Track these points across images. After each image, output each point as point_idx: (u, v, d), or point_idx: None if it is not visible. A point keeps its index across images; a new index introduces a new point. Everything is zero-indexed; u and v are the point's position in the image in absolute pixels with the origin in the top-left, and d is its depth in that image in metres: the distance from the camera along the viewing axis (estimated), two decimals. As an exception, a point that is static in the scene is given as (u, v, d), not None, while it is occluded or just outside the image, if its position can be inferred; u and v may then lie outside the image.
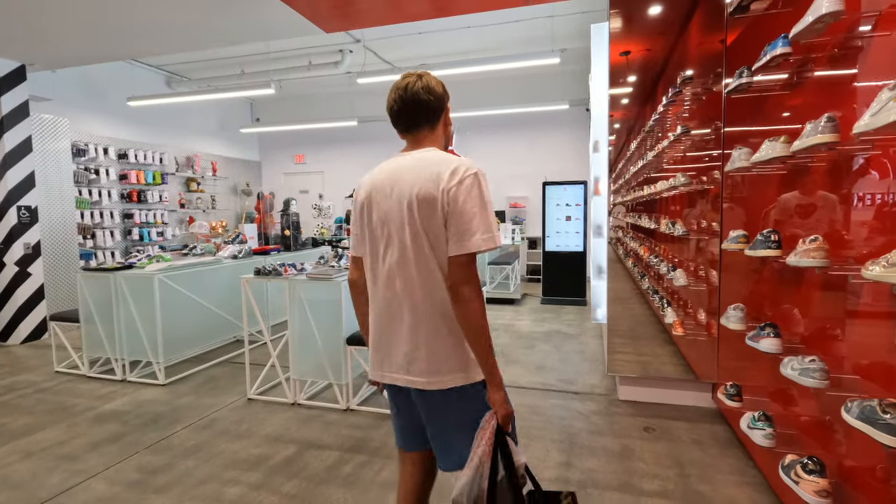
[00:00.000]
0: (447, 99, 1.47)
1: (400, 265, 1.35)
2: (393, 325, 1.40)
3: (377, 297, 1.43)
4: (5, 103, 5.15)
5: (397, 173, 1.38)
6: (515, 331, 5.44)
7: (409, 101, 1.40)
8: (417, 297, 1.35)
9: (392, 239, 1.37)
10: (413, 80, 1.41)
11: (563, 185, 6.88)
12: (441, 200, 1.29)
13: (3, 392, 3.80)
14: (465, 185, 1.28)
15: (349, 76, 8.35)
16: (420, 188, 1.31)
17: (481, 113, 8.28)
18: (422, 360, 1.35)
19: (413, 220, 1.32)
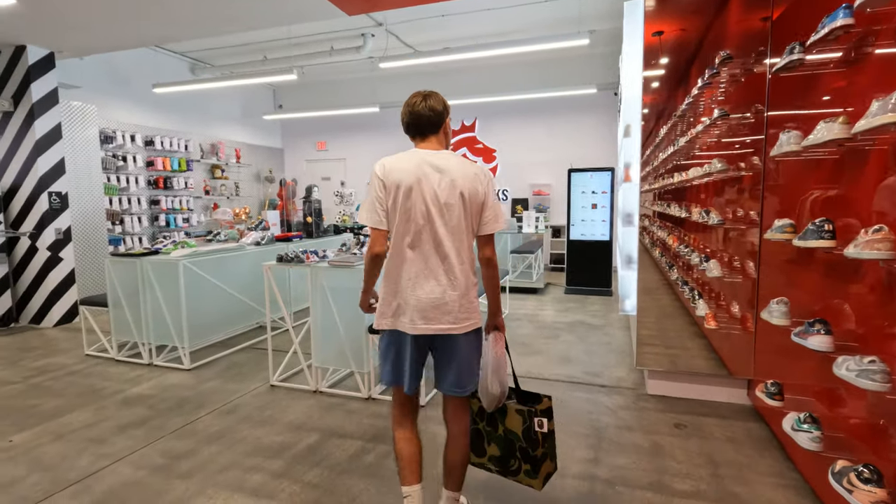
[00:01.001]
0: (447, 114, 1.90)
1: (449, 239, 1.76)
2: (430, 285, 1.76)
3: (415, 263, 1.77)
4: (35, 90, 5.23)
5: (444, 167, 1.78)
6: (539, 321, 5.34)
7: (416, 116, 1.85)
8: (457, 262, 1.77)
9: (443, 217, 1.75)
10: (419, 100, 1.86)
11: (590, 171, 6.69)
12: (480, 194, 1.79)
13: (36, 374, 3.90)
14: (491, 185, 1.85)
15: (371, 61, 8.25)
16: (469, 183, 1.77)
17: (504, 98, 8.10)
18: (457, 310, 1.77)
19: (463, 205, 1.76)
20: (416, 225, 1.75)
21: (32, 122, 5.22)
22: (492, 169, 9.16)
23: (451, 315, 1.76)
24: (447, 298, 1.75)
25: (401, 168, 1.78)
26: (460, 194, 1.75)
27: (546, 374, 3.74)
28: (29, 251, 5.42)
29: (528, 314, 5.65)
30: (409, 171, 1.77)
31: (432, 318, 1.75)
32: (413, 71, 9.16)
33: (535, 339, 4.67)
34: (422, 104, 1.83)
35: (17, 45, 5.17)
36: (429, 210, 1.74)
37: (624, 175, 3.64)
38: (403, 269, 1.78)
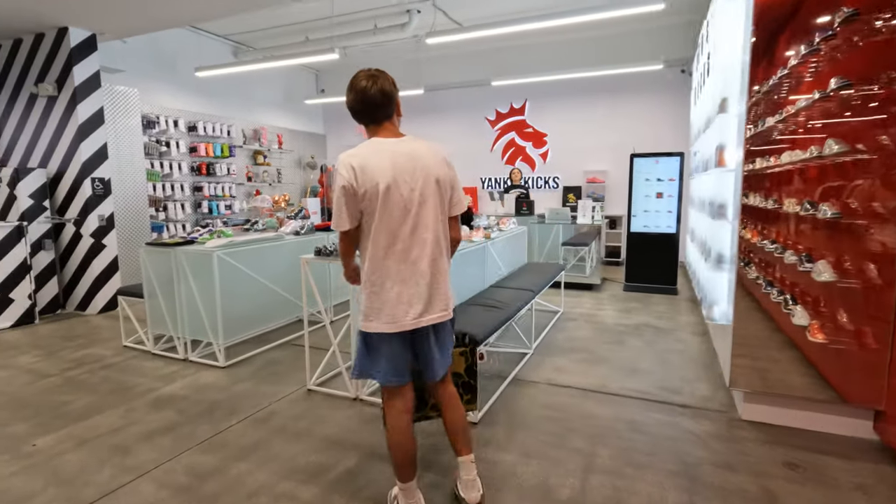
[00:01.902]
0: (397, 93, 1.90)
1: (432, 228, 1.77)
2: (422, 279, 1.77)
3: (405, 261, 1.76)
4: (77, 74, 5.12)
5: (414, 155, 1.77)
6: (598, 322, 4.83)
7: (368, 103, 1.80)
8: (439, 250, 1.81)
9: (424, 207, 1.76)
10: (368, 83, 1.78)
11: (655, 157, 6.04)
12: (450, 176, 1.84)
13: (74, 366, 3.77)
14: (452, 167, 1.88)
15: (416, 41, 7.83)
16: (441, 168, 1.81)
17: (557, 77, 7.49)
18: (444, 297, 1.84)
19: (439, 191, 1.79)
20: (400, 221, 1.73)
21: (75, 106, 5.12)
22: (542, 155, 8.60)
23: (443, 301, 1.83)
24: (439, 287, 1.81)
25: (374, 165, 1.71)
26: (436, 181, 1.77)
27: (613, 388, 3.27)
28: (74, 238, 5.38)
29: (586, 314, 5.15)
30: (384, 168, 1.71)
31: (428, 309, 1.79)
32: (459, 51, 8.67)
33: (597, 344, 4.18)
34: (372, 88, 1.76)
35: (60, 27, 5.06)
36: (410, 204, 1.73)
37: (717, 159, 3.06)
38: (388, 271, 1.76)
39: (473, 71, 8.63)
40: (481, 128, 8.94)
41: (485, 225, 4.65)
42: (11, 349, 4.22)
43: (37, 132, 5.41)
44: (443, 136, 9.20)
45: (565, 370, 3.60)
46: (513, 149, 8.78)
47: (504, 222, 4.84)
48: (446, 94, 8.95)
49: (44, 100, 5.29)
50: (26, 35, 5.26)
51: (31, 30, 5.12)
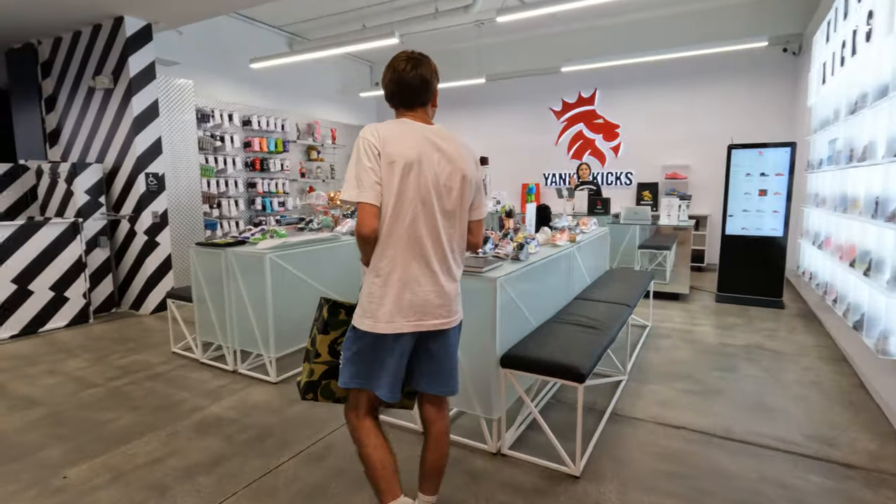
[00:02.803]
0: (437, 84, 1.72)
1: (447, 225, 1.64)
2: (424, 277, 1.61)
3: (408, 253, 1.58)
4: (133, 65, 4.92)
5: (443, 146, 1.62)
6: (697, 341, 4.13)
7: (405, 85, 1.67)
8: (453, 251, 1.68)
9: (441, 202, 1.61)
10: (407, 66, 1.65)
11: (759, 148, 5.21)
12: (476, 177, 1.71)
13: (120, 375, 3.51)
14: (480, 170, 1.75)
15: (477, 26, 7.29)
16: (469, 165, 1.67)
17: (632, 61, 6.71)
18: (451, 303, 1.68)
19: (462, 189, 1.65)
20: (413, 209, 1.57)
21: (130, 98, 4.93)
22: (613, 148, 7.84)
23: (446, 308, 1.66)
24: (443, 290, 1.64)
25: (400, 140, 1.57)
26: (462, 177, 1.64)
27: (742, 433, 2.60)
28: (128, 235, 5.22)
29: (679, 330, 4.44)
30: (410, 146, 1.57)
31: (427, 312, 1.62)
32: (523, 37, 8.05)
33: (703, 369, 3.50)
34: (412, 72, 1.65)
35: (116, 17, 4.88)
36: (428, 193, 1.58)
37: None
38: (395, 261, 1.59)
39: (538, 58, 7.99)
40: (545, 119, 8.28)
41: (563, 226, 4.05)
42: (63, 351, 4.03)
43: (94, 126, 5.29)
44: (504, 128, 8.62)
45: (672, 404, 2.97)
46: (580, 142, 8.07)
47: (585, 223, 4.22)
48: (508, 84, 8.35)
49: (101, 93, 5.15)
50: (84, 27, 5.14)
51: (89, 21, 4.98)
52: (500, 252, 2.78)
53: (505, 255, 2.77)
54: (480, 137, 8.81)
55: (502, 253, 2.77)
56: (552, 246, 3.31)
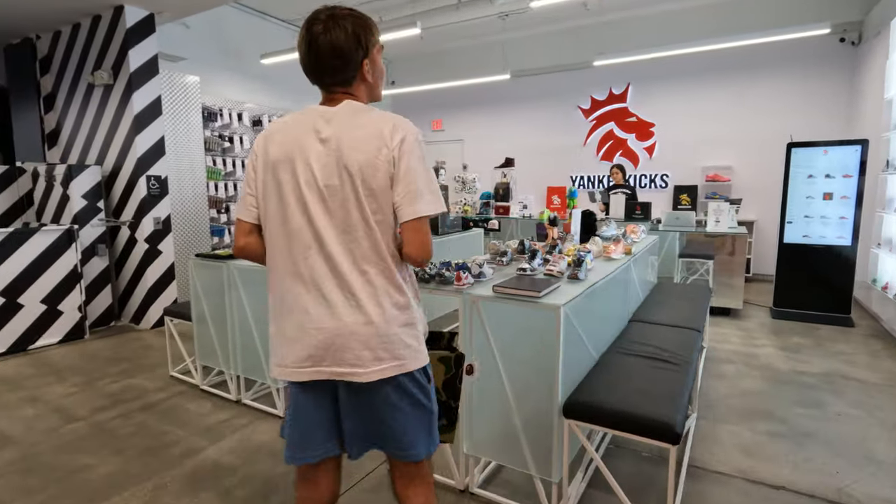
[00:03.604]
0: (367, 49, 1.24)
1: (339, 238, 1.18)
2: (316, 308, 1.19)
3: (297, 278, 1.20)
4: (133, 58, 4.54)
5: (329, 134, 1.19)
6: (765, 367, 3.59)
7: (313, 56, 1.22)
8: (354, 272, 1.18)
9: (327, 207, 1.18)
10: (319, 26, 1.18)
11: (824, 146, 4.65)
12: (382, 163, 1.16)
13: (109, 405, 3.08)
14: (409, 146, 1.18)
15: (502, 19, 6.83)
16: (361, 153, 1.16)
17: (669, 53, 6.17)
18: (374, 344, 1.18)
19: (353, 186, 1.16)
20: (296, 221, 1.19)
21: (130, 95, 4.55)
22: (647, 148, 7.29)
23: (352, 352, 1.17)
24: (346, 326, 1.17)
25: (281, 136, 1.22)
26: (345, 170, 1.16)
27: (862, 497, 2.08)
28: (129, 242, 4.83)
29: (740, 352, 3.90)
30: (288, 142, 1.21)
31: (331, 357, 1.18)
32: (549, 30, 7.57)
33: (783, 404, 2.97)
34: (322, 37, 1.17)
35: (116, 7, 4.50)
36: (304, 199, 1.18)
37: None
38: (280, 287, 1.23)
39: (566, 52, 7.50)
40: (573, 118, 7.77)
41: (613, 235, 3.55)
42: (51, 374, 3.63)
43: (94, 126, 4.92)
44: (529, 128, 8.13)
45: (759, 452, 2.45)
46: (611, 142, 7.55)
47: (634, 231, 3.72)
48: (533, 81, 7.86)
49: (100, 90, 4.77)
50: (83, 18, 4.77)
51: (88, 11, 4.61)
52: (552, 269, 2.29)
53: (559, 272, 2.29)
54: (504, 137, 8.33)
55: (555, 270, 2.29)
56: (606, 259, 2.81)
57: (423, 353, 1.26)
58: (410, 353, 1.23)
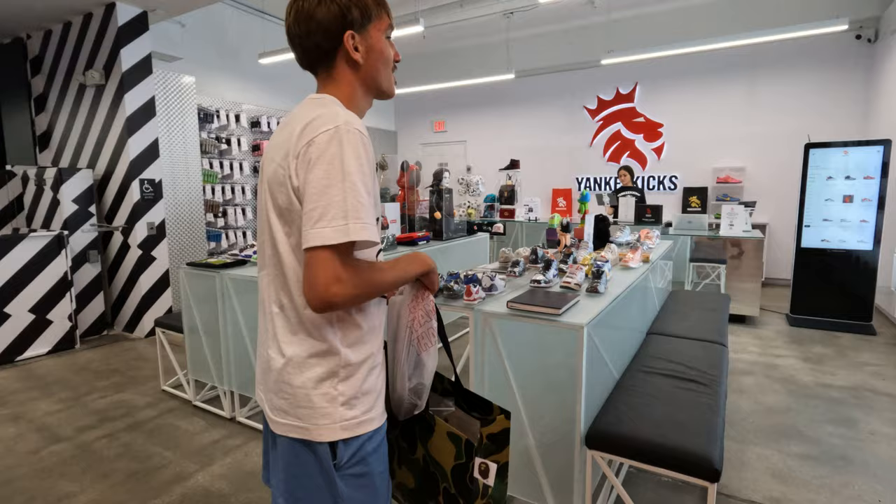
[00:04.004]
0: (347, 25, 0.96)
1: (273, 261, 0.96)
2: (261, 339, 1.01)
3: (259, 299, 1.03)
4: (125, 57, 4.37)
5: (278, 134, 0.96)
6: (788, 379, 3.40)
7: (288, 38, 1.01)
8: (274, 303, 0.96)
9: (269, 226, 0.96)
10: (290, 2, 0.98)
11: (844, 147, 4.47)
12: (287, 173, 0.89)
13: (95, 423, 2.91)
14: (323, 151, 0.85)
15: (506, 17, 6.66)
16: (278, 158, 0.91)
17: (679, 52, 5.99)
18: (274, 388, 0.94)
19: (272, 203, 0.93)
20: (259, 240, 1.02)
21: (122, 95, 4.38)
22: (655, 149, 7.11)
23: (267, 394, 0.97)
24: (265, 359, 0.98)
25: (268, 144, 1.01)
26: (265, 184, 0.95)
27: (912, 532, 1.90)
28: (122, 248, 4.66)
29: (760, 363, 3.72)
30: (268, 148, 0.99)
31: (260, 382, 1.01)
32: (554, 29, 7.39)
33: (811, 423, 2.79)
34: (288, 20, 0.98)
35: (108, 3, 4.33)
36: (260, 214, 1.00)
37: None
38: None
39: (572, 51, 7.32)
40: (579, 119, 7.60)
41: (628, 241, 3.37)
42: (37, 388, 3.46)
43: (86, 127, 4.75)
44: (533, 128, 7.95)
45: (792, 478, 2.27)
46: (618, 143, 7.37)
47: (649, 236, 3.54)
48: (538, 80, 7.69)
49: (92, 90, 4.61)
50: (75, 16, 4.61)
51: (80, 9, 4.45)
52: (569, 282, 2.11)
53: (576, 285, 2.11)
54: (508, 139, 8.15)
55: (573, 283, 2.11)
56: (623, 268, 2.63)
57: (342, 422, 0.90)
58: (317, 418, 0.89)
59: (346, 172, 0.83)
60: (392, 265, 0.97)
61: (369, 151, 0.89)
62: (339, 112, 0.88)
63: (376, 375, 0.97)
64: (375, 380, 0.97)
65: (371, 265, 0.90)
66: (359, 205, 0.84)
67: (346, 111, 0.91)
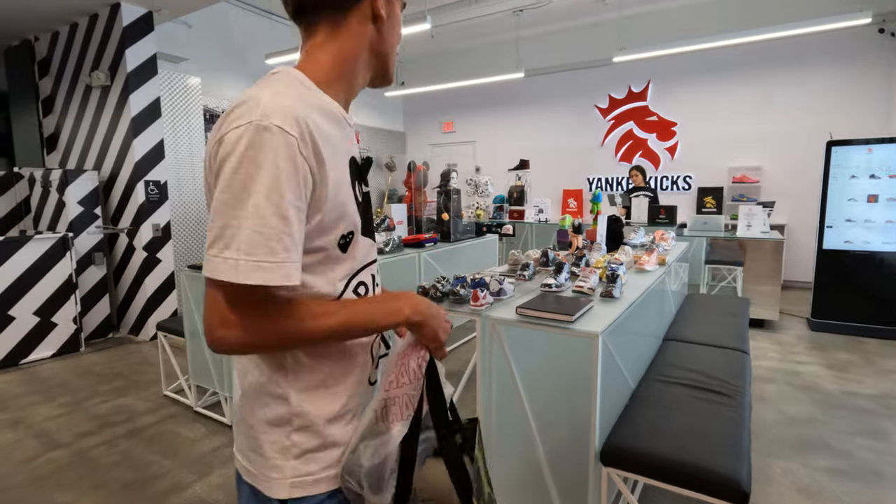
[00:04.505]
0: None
1: None
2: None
3: None
4: (130, 58, 4.34)
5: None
6: (812, 387, 3.25)
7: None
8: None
9: None
10: None
11: (868, 144, 4.30)
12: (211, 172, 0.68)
13: (95, 429, 2.85)
14: (232, 147, 0.64)
15: (516, 15, 6.55)
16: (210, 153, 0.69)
17: (693, 48, 5.83)
18: (237, 430, 0.81)
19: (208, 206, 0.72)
20: None
21: (127, 96, 4.34)
22: (669, 149, 6.95)
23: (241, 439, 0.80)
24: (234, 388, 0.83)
25: None
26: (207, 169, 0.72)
27: (955, 557, 1.75)
28: (127, 251, 4.62)
29: (781, 370, 3.56)
30: None
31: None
32: (563, 27, 7.27)
33: (840, 435, 2.63)
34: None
35: (112, 4, 4.30)
36: None
37: None
38: None
39: (582, 50, 7.19)
40: (590, 118, 7.45)
41: (643, 243, 3.25)
42: (40, 391, 3.42)
43: (92, 129, 4.73)
44: (544, 128, 7.83)
45: (821, 495, 2.13)
46: (630, 142, 7.21)
47: (664, 238, 3.40)
48: (548, 79, 7.56)
49: (98, 91, 4.58)
50: (80, 17, 4.59)
51: (85, 10, 4.42)
52: (582, 286, 2.00)
53: (590, 289, 2.00)
54: (518, 139, 8.03)
55: (586, 287, 2.00)
56: (638, 272, 2.51)
57: (294, 479, 0.74)
58: (267, 469, 0.74)
59: (249, 189, 0.62)
60: (348, 307, 0.72)
61: (296, 156, 0.64)
62: (261, 99, 0.65)
63: (343, 425, 0.77)
64: (343, 430, 0.77)
65: (294, 307, 0.67)
66: (257, 237, 0.62)
67: (281, 96, 0.67)
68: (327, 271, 0.74)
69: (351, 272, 0.78)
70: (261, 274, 0.62)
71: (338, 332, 0.71)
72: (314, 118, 0.69)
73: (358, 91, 0.86)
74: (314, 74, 0.76)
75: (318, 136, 0.68)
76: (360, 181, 0.82)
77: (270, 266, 0.63)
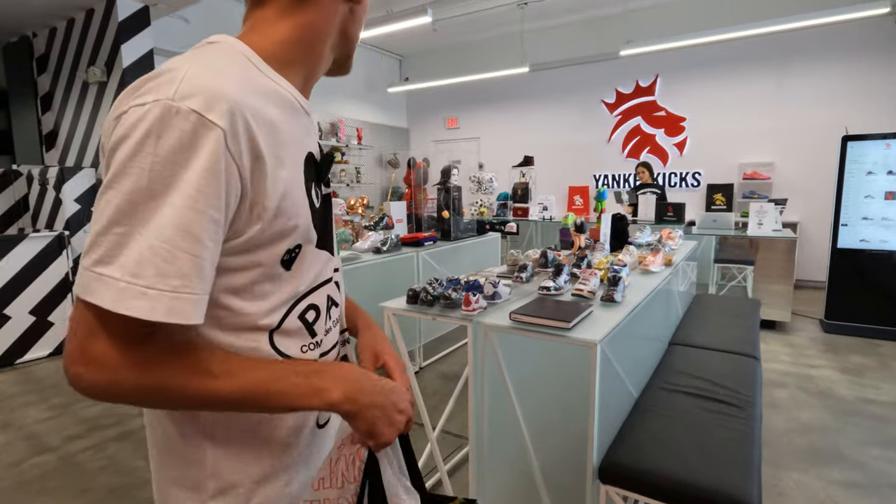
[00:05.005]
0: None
1: None
2: None
3: None
4: (126, 53, 4.27)
5: None
6: (825, 393, 3.12)
7: None
8: None
9: None
10: None
11: (886, 139, 4.13)
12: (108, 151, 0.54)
13: (83, 432, 2.79)
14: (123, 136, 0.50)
15: (521, 8, 6.41)
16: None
17: (702, 41, 5.66)
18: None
19: None
20: None
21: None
22: (677, 144, 6.79)
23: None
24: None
25: None
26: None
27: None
28: (124, 249, 4.57)
29: (793, 374, 3.43)
30: None
31: None
32: (569, 20, 7.12)
33: (856, 445, 2.51)
34: None
35: (108, -1, 4.24)
36: None
37: None
38: None
39: (589, 44, 7.04)
40: (596, 113, 7.31)
41: (649, 242, 3.13)
42: (33, 392, 3.37)
43: (90, 125, 4.68)
44: (549, 124, 7.69)
45: (836, 510, 2.01)
46: (637, 138, 7.06)
47: (671, 236, 3.28)
48: (554, 74, 7.42)
49: (95, 87, 4.53)
50: (77, 13, 4.54)
51: (81, 5, 4.36)
52: (582, 289, 1.89)
53: (590, 292, 1.89)
54: (522, 134, 7.90)
55: (585, 290, 1.89)
56: (643, 272, 2.40)
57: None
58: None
59: (148, 189, 0.48)
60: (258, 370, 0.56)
61: (220, 153, 0.50)
62: (183, 73, 0.51)
63: (282, 486, 0.64)
64: (281, 492, 0.63)
65: (183, 355, 0.52)
66: (148, 253, 0.48)
67: (212, 72, 0.53)
68: (264, 294, 0.59)
69: (295, 295, 0.63)
70: (142, 303, 0.47)
71: (234, 402, 0.54)
72: (256, 104, 0.55)
73: (319, 76, 0.73)
74: (265, 49, 0.62)
75: (259, 127, 0.54)
76: (319, 182, 0.68)
77: (157, 295, 0.48)
